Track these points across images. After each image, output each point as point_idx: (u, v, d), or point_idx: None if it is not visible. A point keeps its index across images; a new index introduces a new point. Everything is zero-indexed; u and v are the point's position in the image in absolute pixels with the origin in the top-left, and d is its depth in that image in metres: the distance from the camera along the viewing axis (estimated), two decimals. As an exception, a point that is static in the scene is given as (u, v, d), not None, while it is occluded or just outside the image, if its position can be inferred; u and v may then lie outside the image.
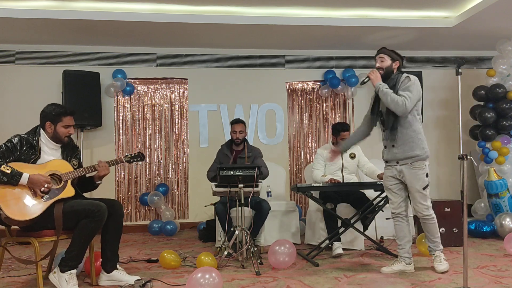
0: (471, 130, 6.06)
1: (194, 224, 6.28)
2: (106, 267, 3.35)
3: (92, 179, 3.48)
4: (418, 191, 3.55)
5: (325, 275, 3.62)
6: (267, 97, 6.61)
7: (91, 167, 3.34)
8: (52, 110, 3.29)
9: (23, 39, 5.89)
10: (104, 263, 3.36)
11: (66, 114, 3.31)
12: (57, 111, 3.29)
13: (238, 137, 4.91)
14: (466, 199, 3.25)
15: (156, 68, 6.45)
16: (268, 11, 5.39)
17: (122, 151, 6.33)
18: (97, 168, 3.37)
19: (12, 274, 3.78)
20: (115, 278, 3.34)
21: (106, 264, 3.35)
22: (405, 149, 3.57)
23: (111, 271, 3.34)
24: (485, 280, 3.36)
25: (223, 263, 4.00)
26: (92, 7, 5.15)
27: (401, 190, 3.70)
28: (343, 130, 4.73)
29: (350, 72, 6.62)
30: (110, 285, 3.34)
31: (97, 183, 3.48)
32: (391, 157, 3.67)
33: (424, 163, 3.57)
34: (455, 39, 6.19)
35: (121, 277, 3.34)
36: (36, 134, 3.28)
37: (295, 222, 5.12)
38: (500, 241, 4.65)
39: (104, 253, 3.35)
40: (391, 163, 3.69)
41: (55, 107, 3.33)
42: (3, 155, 3.09)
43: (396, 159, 3.63)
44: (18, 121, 5.91)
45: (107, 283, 3.35)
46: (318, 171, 4.74)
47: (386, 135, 3.70)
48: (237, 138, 4.91)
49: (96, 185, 3.50)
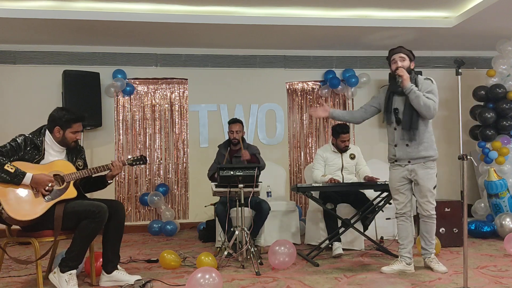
0: (471, 130, 6.06)
1: (194, 224, 6.28)
2: (107, 267, 3.35)
3: (102, 178, 3.49)
4: (429, 190, 3.60)
5: (325, 275, 3.62)
6: (267, 97, 6.61)
7: (103, 167, 3.36)
8: (62, 116, 3.27)
9: (23, 39, 5.89)
10: (105, 263, 3.36)
11: (77, 120, 3.30)
12: (68, 117, 3.27)
13: (235, 136, 4.90)
14: (466, 199, 3.25)
15: (156, 68, 6.45)
16: (268, 11, 5.39)
17: (122, 151, 6.33)
18: (111, 167, 3.39)
19: (12, 274, 3.78)
20: (116, 279, 3.34)
21: (107, 264, 3.35)
22: (420, 148, 3.57)
23: (112, 272, 3.35)
24: (485, 280, 3.36)
25: (223, 263, 4.00)
26: (92, 7, 5.15)
27: (408, 190, 3.72)
28: (343, 132, 4.72)
29: (350, 72, 6.62)
30: (111, 285, 3.34)
31: (109, 182, 3.50)
32: (403, 155, 3.63)
33: (435, 163, 3.65)
34: (455, 39, 6.19)
35: (122, 277, 3.34)
36: (41, 134, 3.27)
37: (295, 222, 5.12)
38: (500, 241, 4.65)
39: (105, 254, 3.35)
40: (401, 162, 3.65)
41: (65, 113, 3.30)
42: (7, 154, 3.10)
43: (409, 158, 3.61)
44: (18, 121, 5.92)
45: (107, 283, 3.35)
46: (318, 171, 4.74)
47: (399, 133, 3.63)
48: (234, 138, 4.90)
49: (107, 184, 3.51)
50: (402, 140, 3.62)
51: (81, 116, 3.36)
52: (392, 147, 3.71)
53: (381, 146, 6.68)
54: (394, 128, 3.67)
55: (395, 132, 3.66)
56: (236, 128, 4.91)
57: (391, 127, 3.69)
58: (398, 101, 3.63)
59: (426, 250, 3.75)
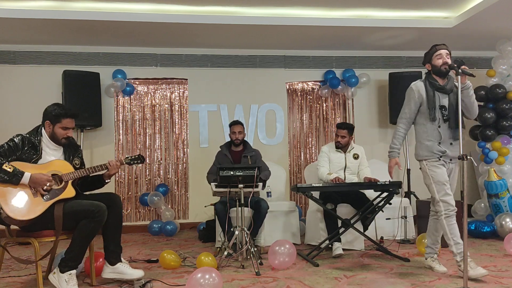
0: (471, 130, 6.06)
1: (194, 225, 6.28)
2: (110, 259, 3.34)
3: (99, 177, 3.48)
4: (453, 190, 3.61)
5: (325, 275, 3.62)
6: (267, 97, 6.61)
7: (101, 166, 3.35)
8: (52, 110, 3.28)
9: (23, 39, 5.89)
10: (107, 255, 3.35)
11: (66, 116, 3.28)
12: (57, 112, 3.27)
13: (237, 137, 4.93)
14: (466, 200, 3.24)
15: (156, 68, 6.45)
16: (268, 11, 5.39)
17: (122, 151, 6.33)
18: (109, 167, 3.39)
19: (12, 274, 3.78)
20: (119, 271, 3.33)
21: (110, 256, 3.34)
22: (457, 148, 3.48)
23: (116, 263, 3.33)
24: (485, 280, 3.35)
25: (223, 263, 4.00)
26: (92, 7, 5.15)
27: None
28: (339, 127, 4.82)
29: (350, 72, 6.62)
30: (114, 277, 3.33)
31: (106, 181, 3.49)
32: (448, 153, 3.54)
33: None
34: (455, 39, 6.18)
35: (125, 270, 3.33)
36: (38, 134, 3.27)
37: (295, 223, 5.12)
38: (500, 242, 4.65)
39: (107, 246, 3.34)
40: (445, 158, 3.55)
41: (56, 107, 3.31)
42: (5, 154, 3.09)
43: (451, 156, 3.55)
44: (18, 121, 5.91)
45: (111, 275, 3.33)
46: (324, 169, 4.74)
47: (444, 130, 3.52)
48: (237, 138, 4.93)
49: (104, 184, 3.51)
50: (446, 137, 3.53)
51: (72, 113, 3.33)
52: (435, 144, 3.54)
53: (381, 146, 6.69)
54: (439, 126, 3.54)
55: (440, 130, 3.53)
56: (238, 129, 4.95)
57: (434, 125, 3.54)
58: (442, 98, 3.54)
59: (433, 250, 3.70)
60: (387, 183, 4.22)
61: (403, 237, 5.01)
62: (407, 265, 3.91)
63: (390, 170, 3.71)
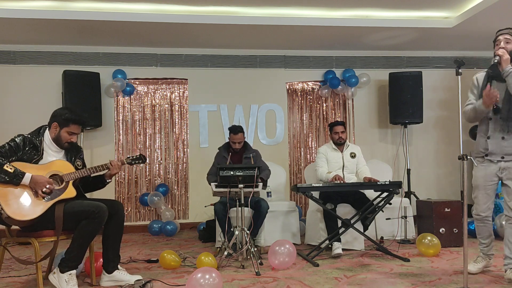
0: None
1: (194, 225, 6.28)
2: (108, 267, 3.35)
3: (101, 177, 3.49)
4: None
5: (325, 275, 3.62)
6: (267, 97, 6.61)
7: (102, 166, 3.35)
8: (63, 114, 3.28)
9: (23, 39, 5.89)
10: (105, 263, 3.36)
11: (76, 122, 3.29)
12: (68, 116, 3.27)
13: (237, 147, 4.86)
14: (466, 199, 3.24)
15: (156, 68, 6.45)
16: (268, 11, 5.39)
17: (122, 151, 6.33)
18: (110, 167, 3.39)
19: (12, 274, 3.78)
20: (116, 278, 3.34)
21: (108, 264, 3.35)
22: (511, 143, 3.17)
23: (113, 272, 3.35)
24: (485, 280, 3.36)
25: (223, 263, 4.00)
26: (92, 7, 5.15)
27: (494, 191, 3.32)
28: (335, 125, 4.87)
29: (350, 72, 6.62)
30: (112, 285, 3.34)
31: (108, 181, 3.50)
32: (496, 149, 3.21)
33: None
34: (455, 39, 6.19)
35: (122, 277, 3.34)
36: (40, 134, 3.27)
37: (295, 223, 5.12)
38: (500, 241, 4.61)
39: (106, 254, 3.35)
40: (493, 157, 3.23)
41: (67, 111, 3.31)
42: (6, 154, 3.09)
43: (504, 153, 3.19)
44: (18, 121, 5.92)
45: (108, 283, 3.34)
46: (322, 169, 4.74)
47: (494, 124, 3.21)
48: (237, 148, 4.87)
49: (106, 184, 3.51)
50: (496, 132, 3.20)
51: (82, 120, 3.36)
52: (483, 140, 3.27)
53: (381, 146, 6.69)
54: (489, 118, 3.22)
55: (490, 123, 3.22)
56: (239, 139, 4.84)
57: (486, 117, 3.26)
58: (498, 87, 3.13)
59: (511, 259, 3.25)
60: (387, 183, 4.22)
61: (403, 237, 5.01)
62: (407, 265, 3.91)
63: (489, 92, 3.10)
